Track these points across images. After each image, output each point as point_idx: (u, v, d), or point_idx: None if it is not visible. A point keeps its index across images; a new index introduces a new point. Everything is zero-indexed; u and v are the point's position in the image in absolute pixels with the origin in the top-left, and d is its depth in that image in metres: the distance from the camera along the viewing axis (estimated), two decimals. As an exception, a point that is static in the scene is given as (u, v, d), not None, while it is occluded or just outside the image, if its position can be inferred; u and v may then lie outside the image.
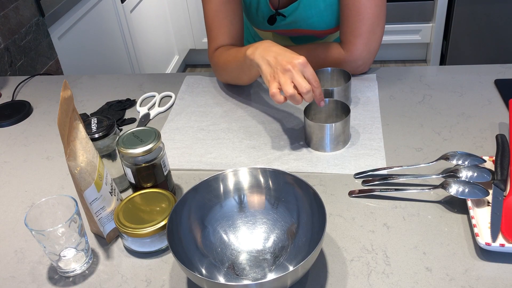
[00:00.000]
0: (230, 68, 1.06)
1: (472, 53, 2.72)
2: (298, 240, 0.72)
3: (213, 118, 1.06)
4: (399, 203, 0.80)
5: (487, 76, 1.10)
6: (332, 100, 0.94)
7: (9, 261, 0.77)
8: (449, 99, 1.04)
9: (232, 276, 0.70)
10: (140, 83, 1.23)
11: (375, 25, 1.04)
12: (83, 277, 0.73)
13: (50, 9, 1.83)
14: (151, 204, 0.76)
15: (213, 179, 0.76)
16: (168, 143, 0.99)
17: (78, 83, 1.26)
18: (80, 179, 0.71)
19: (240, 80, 1.08)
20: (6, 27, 1.63)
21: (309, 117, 0.94)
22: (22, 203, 0.89)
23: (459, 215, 0.76)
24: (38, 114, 1.16)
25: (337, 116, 0.95)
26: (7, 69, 1.63)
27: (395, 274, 0.69)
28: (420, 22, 2.80)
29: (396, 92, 1.08)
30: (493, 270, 0.68)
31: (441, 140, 0.92)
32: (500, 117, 0.97)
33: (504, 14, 2.55)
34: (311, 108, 0.94)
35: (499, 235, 0.70)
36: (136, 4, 2.51)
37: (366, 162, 0.89)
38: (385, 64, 3.06)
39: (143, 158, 0.78)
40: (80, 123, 0.74)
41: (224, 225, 0.76)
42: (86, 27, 2.07)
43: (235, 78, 1.09)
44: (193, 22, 3.04)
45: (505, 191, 0.76)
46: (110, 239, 0.79)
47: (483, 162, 0.81)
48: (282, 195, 0.76)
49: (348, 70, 1.09)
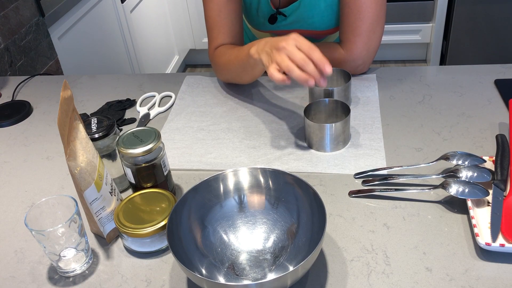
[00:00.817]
0: (232, 67, 1.06)
1: (472, 53, 2.72)
2: (298, 240, 0.72)
3: (213, 118, 1.06)
4: (399, 203, 0.80)
5: (487, 76, 1.10)
6: (332, 100, 0.94)
7: (9, 261, 0.77)
8: (449, 99, 1.04)
9: (232, 276, 0.70)
10: (140, 83, 1.23)
11: (375, 24, 1.04)
12: (83, 277, 0.73)
13: (50, 9, 1.83)
14: (151, 204, 0.76)
15: (213, 179, 0.76)
16: (168, 143, 0.99)
17: (78, 83, 1.26)
18: (80, 179, 0.71)
19: (242, 79, 1.08)
20: (6, 27, 1.63)
21: (309, 117, 0.94)
22: (22, 203, 0.89)
23: (459, 215, 0.76)
24: (38, 114, 1.16)
25: (337, 116, 0.95)
26: (7, 69, 1.63)
27: (395, 274, 0.69)
28: (420, 22, 2.80)
29: (396, 92, 1.08)
30: (493, 270, 0.68)
31: (441, 140, 0.92)
32: (500, 117, 0.97)
33: (504, 14, 2.55)
34: (311, 108, 0.94)
35: (499, 235, 0.70)
36: (136, 4, 2.51)
37: (366, 162, 0.89)
38: (385, 64, 3.05)
39: (143, 158, 0.78)
40: (80, 123, 0.74)
41: (224, 225, 0.76)
42: (86, 27, 2.07)
43: (236, 77, 1.09)
44: (193, 22, 3.04)
45: (505, 191, 0.76)
46: (110, 239, 0.79)
47: (483, 162, 0.81)
48: (282, 195, 0.76)
49: (348, 69, 1.09)
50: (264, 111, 1.06)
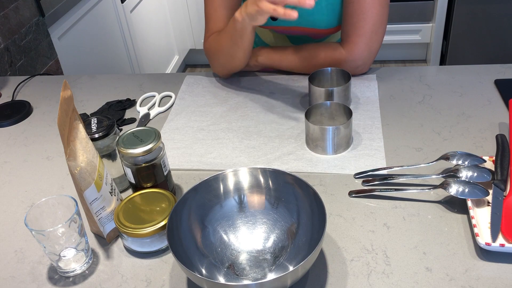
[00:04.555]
0: (223, 45, 1.07)
1: (472, 53, 2.72)
2: (298, 240, 0.72)
3: (213, 118, 1.06)
4: (399, 203, 0.80)
5: (487, 76, 1.10)
6: (334, 102, 0.94)
7: (9, 261, 0.77)
8: (449, 99, 1.04)
9: (232, 276, 0.70)
10: (140, 83, 1.23)
11: (378, 25, 1.04)
12: (83, 277, 0.73)
13: (50, 9, 1.83)
14: (151, 204, 0.76)
15: (213, 179, 0.76)
16: (168, 143, 0.99)
17: (78, 83, 1.26)
18: (80, 179, 0.71)
19: (234, 58, 1.08)
20: (6, 27, 1.63)
21: (310, 119, 0.94)
22: (22, 203, 0.89)
23: (459, 215, 0.76)
24: (38, 114, 1.16)
25: (339, 119, 0.95)
26: (7, 69, 1.63)
27: (395, 274, 0.69)
28: (420, 22, 2.80)
29: (396, 92, 1.08)
30: (493, 270, 0.68)
31: (441, 140, 0.92)
32: (500, 117, 0.97)
33: (504, 14, 2.55)
34: (312, 111, 0.94)
35: (499, 235, 0.70)
36: (136, 4, 2.51)
37: (366, 162, 0.89)
38: (385, 64, 3.06)
39: (143, 158, 0.78)
40: (80, 123, 0.74)
41: (224, 225, 0.76)
42: (86, 27, 2.07)
43: (229, 57, 1.09)
44: (193, 22, 3.04)
45: (505, 191, 0.76)
46: (110, 239, 0.79)
47: (483, 162, 0.81)
48: (282, 195, 0.76)
49: (347, 69, 1.09)
50: (264, 111, 1.06)
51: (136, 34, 2.49)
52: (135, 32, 2.48)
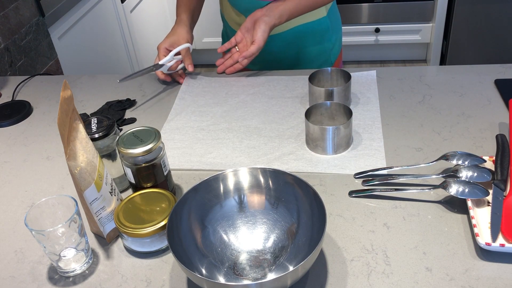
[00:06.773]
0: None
1: (472, 53, 2.72)
2: (298, 240, 0.72)
3: (213, 118, 1.06)
4: (399, 203, 0.80)
5: (487, 76, 1.10)
6: (334, 102, 0.94)
7: (9, 261, 0.77)
8: (449, 99, 1.04)
9: (232, 276, 0.70)
10: (140, 83, 1.23)
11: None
12: (83, 277, 0.73)
13: (50, 9, 1.83)
14: (151, 204, 0.76)
15: (213, 179, 0.76)
16: (168, 143, 0.99)
17: (78, 83, 1.26)
18: (80, 179, 0.71)
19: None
20: (6, 27, 1.63)
21: (310, 119, 0.94)
22: (22, 203, 0.89)
23: (459, 215, 0.76)
24: (38, 114, 1.16)
25: (339, 119, 0.95)
26: (7, 69, 1.63)
27: (395, 274, 0.69)
28: (420, 22, 2.80)
29: (396, 92, 1.08)
30: (493, 270, 0.68)
31: (441, 140, 0.92)
32: (500, 117, 0.97)
33: (504, 14, 2.55)
34: (312, 111, 0.94)
35: (499, 235, 0.70)
36: (136, 4, 2.51)
37: (366, 162, 0.89)
38: (385, 64, 3.06)
39: (143, 158, 0.78)
40: (80, 123, 0.74)
41: (224, 225, 0.76)
42: (86, 27, 2.07)
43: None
44: (193, 22, 3.03)
45: (505, 191, 0.76)
46: (110, 239, 0.79)
47: (483, 162, 0.81)
48: (282, 195, 0.76)
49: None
50: (264, 111, 1.06)
51: (136, 34, 2.49)
52: (135, 32, 2.48)
